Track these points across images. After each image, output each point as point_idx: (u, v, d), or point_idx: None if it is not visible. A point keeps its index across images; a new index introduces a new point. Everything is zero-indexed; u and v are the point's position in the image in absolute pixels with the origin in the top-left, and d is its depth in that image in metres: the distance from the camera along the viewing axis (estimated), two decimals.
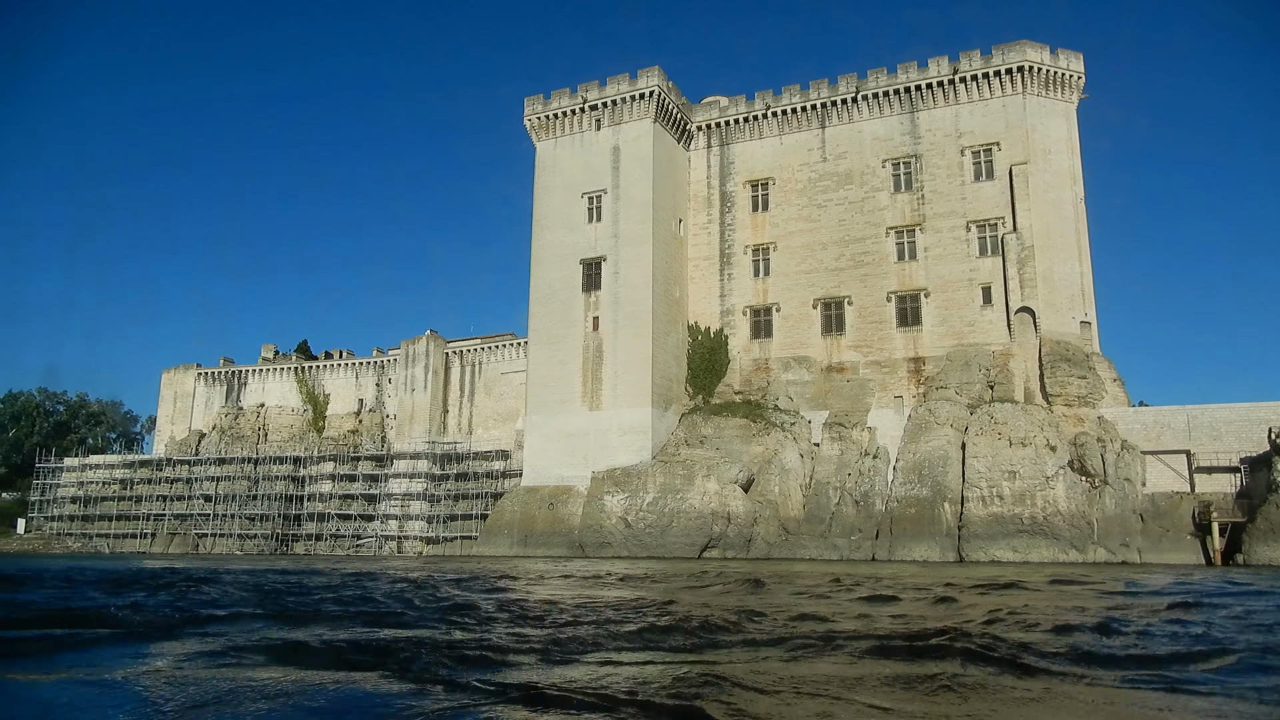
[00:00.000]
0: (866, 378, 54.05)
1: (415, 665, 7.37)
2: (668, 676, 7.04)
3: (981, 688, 6.71)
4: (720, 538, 49.91)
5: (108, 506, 73.78)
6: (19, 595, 15.86)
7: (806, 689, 6.53)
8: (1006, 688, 6.75)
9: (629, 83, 57.50)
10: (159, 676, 6.82)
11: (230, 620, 11.07)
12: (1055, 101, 53.61)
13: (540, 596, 17.19)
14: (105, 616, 11.08)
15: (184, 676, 6.79)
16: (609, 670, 7.51)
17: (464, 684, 6.39)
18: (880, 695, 6.37)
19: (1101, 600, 16.87)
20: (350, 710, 5.68)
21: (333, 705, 5.82)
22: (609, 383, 54.79)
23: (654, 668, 7.67)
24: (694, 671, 7.10)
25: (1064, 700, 6.42)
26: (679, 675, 6.99)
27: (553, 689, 6.20)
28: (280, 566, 35.07)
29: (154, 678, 6.75)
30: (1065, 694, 6.63)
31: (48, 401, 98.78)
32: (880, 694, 6.43)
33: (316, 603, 14.52)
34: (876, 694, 6.42)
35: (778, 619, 11.59)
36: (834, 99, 57.53)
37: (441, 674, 6.95)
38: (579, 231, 57.74)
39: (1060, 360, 49.64)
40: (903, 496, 48.89)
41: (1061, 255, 51.65)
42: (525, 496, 55.46)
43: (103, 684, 6.57)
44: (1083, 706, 6.29)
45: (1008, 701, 6.31)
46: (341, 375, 74.46)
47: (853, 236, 55.95)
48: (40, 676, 6.91)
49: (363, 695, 6.11)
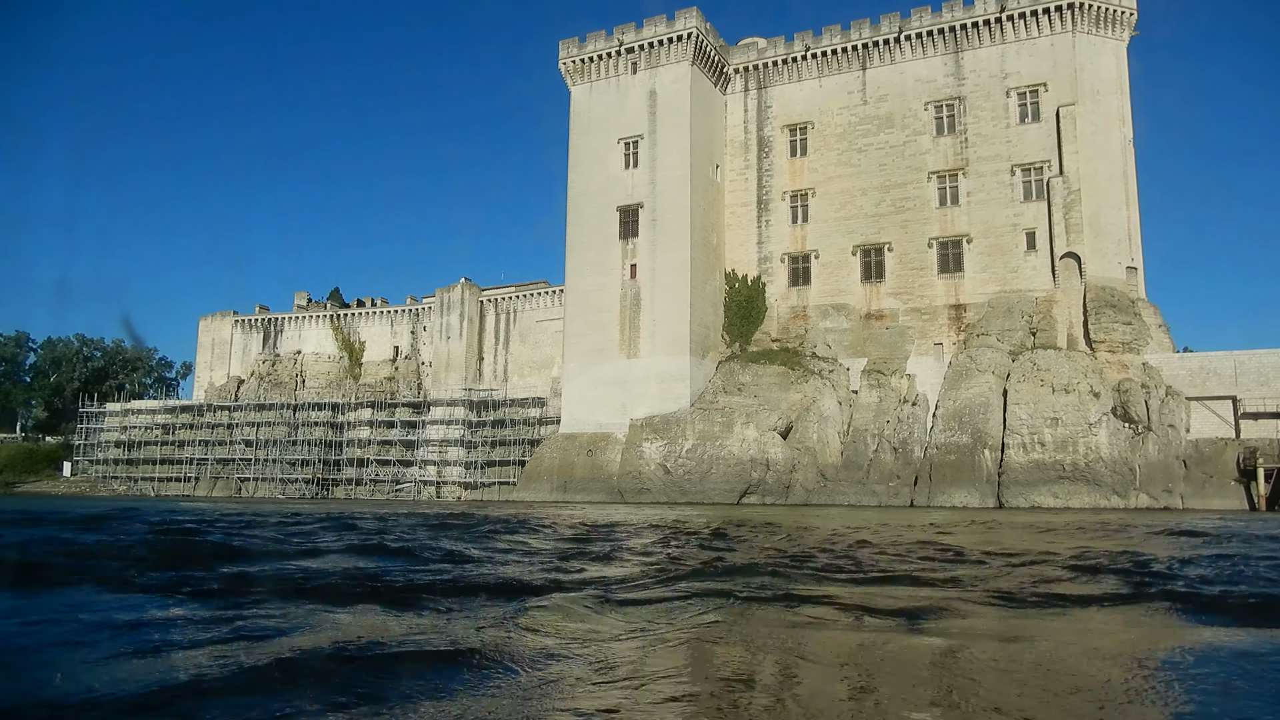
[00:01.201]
0: (906, 325, 53.75)
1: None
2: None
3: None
4: (759, 484, 50.33)
5: (150, 451, 75.29)
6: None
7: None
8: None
9: (666, 24, 56.39)
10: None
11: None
12: (1105, 39, 52.10)
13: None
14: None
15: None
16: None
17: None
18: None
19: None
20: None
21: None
22: (646, 331, 54.82)
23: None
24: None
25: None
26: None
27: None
28: (394, 510, 35.80)
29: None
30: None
31: (85, 348, 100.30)
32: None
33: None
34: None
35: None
36: (876, 39, 56.20)
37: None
38: (615, 178, 57.24)
39: (1105, 306, 49.08)
40: (942, 443, 48.95)
41: (1109, 199, 50.70)
42: (564, 443, 56.01)
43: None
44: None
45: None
46: (377, 323, 74.98)
47: (893, 182, 55.13)
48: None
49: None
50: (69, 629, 5.98)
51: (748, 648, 5.80)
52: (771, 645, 5.80)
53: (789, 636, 6.08)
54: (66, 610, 6.72)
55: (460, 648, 5.33)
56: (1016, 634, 6.31)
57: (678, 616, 6.96)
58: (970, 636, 6.14)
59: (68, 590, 8.11)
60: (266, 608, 6.92)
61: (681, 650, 5.73)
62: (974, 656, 5.43)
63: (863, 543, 15.41)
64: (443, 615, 6.83)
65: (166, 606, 7.11)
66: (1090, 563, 11.29)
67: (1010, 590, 8.37)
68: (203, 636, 5.75)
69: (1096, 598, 8.03)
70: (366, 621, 6.47)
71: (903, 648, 5.81)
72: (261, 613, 6.66)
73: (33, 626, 6.09)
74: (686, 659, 5.55)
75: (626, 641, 5.96)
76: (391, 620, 6.53)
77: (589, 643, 5.79)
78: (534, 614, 6.87)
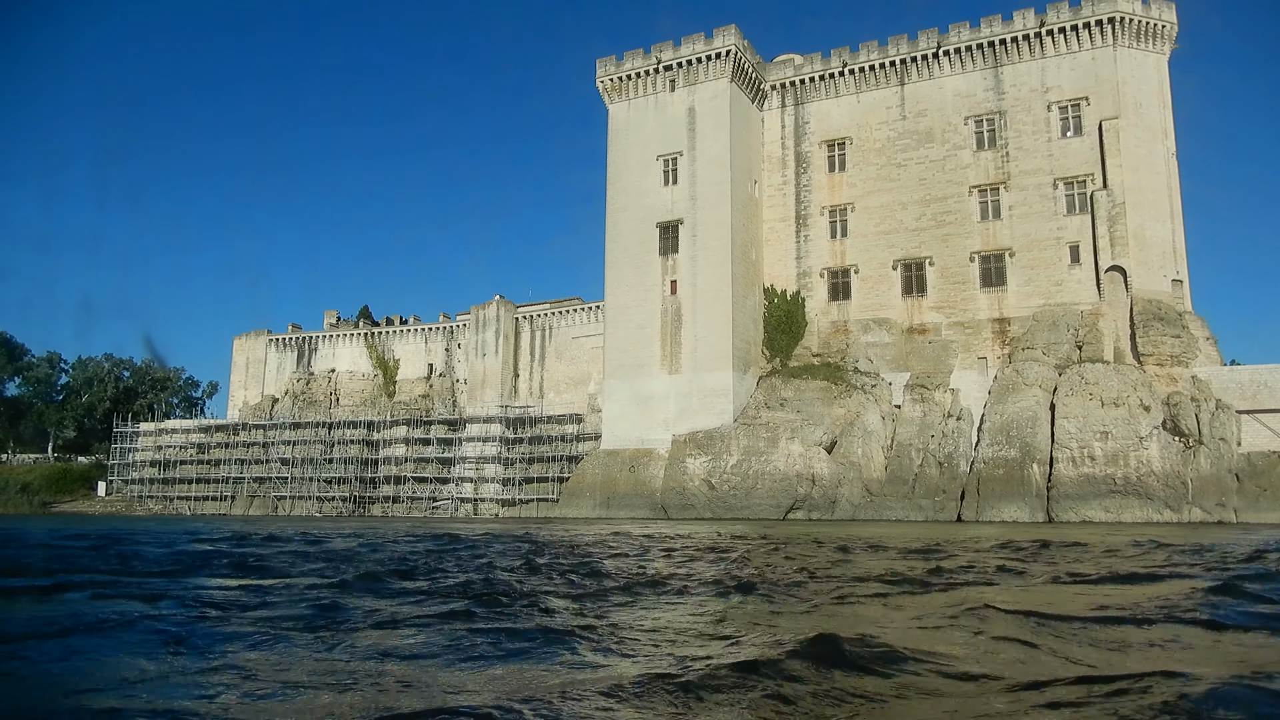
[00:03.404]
0: (949, 339, 53.63)
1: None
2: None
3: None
4: (805, 499, 50.16)
5: (186, 470, 75.56)
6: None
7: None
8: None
9: (705, 42, 56.74)
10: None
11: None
12: (1146, 53, 52.17)
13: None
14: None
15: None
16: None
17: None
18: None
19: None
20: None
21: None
22: (688, 346, 54.86)
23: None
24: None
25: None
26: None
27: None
28: (444, 530, 35.85)
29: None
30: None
31: (115, 368, 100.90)
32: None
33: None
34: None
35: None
36: (914, 55, 56.41)
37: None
38: (654, 194, 57.48)
39: (1153, 319, 48.90)
40: (990, 458, 48.71)
41: (1153, 212, 50.62)
42: (606, 459, 55.96)
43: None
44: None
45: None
46: (411, 341, 75.25)
47: (934, 196, 55.17)
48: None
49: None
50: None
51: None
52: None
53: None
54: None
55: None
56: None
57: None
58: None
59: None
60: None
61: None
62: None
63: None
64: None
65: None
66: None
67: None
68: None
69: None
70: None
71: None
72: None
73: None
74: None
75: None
76: None
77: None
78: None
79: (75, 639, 6.97)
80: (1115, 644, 6.68)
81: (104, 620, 7.85)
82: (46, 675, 5.82)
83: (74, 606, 9.26)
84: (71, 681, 5.59)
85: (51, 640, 6.94)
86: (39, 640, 6.86)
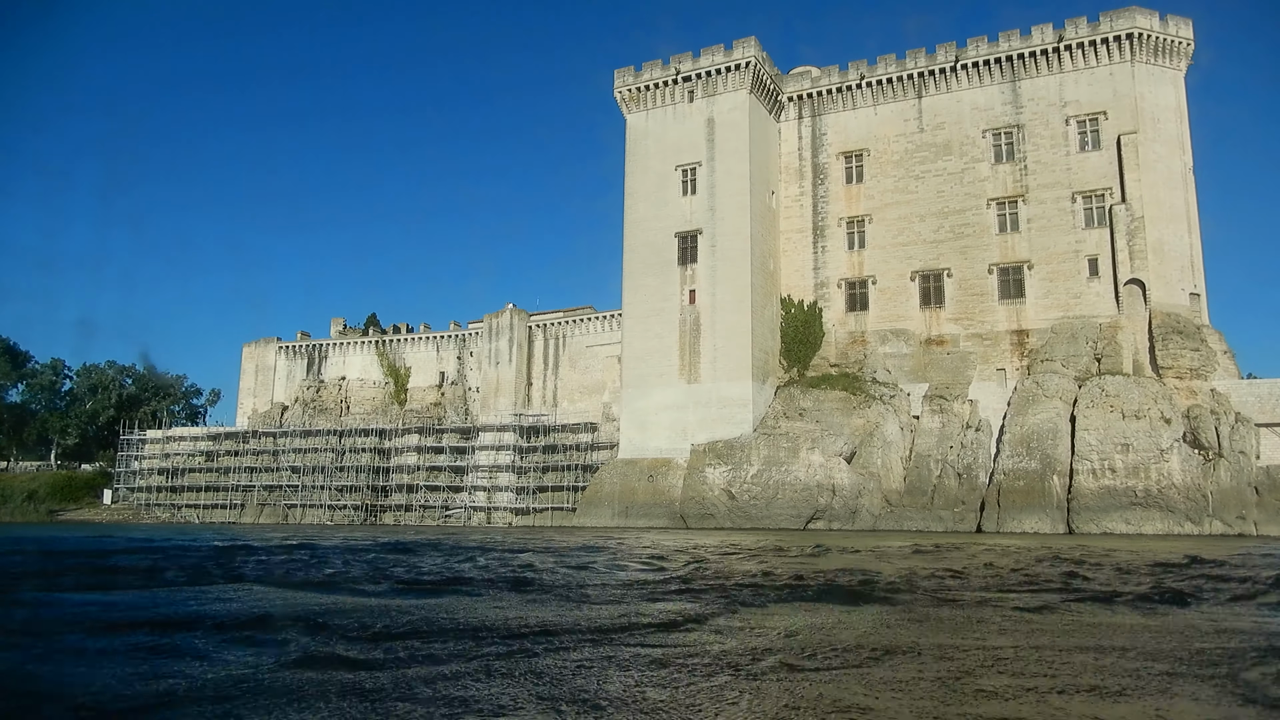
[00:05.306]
0: (967, 350, 53.87)
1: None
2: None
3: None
4: (825, 509, 50.21)
5: (194, 478, 75.14)
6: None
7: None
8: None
9: (724, 54, 57.04)
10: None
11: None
12: (1164, 69, 52.69)
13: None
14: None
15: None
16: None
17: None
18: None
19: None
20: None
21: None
22: (707, 356, 54.95)
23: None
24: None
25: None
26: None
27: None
28: (481, 540, 35.70)
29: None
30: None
31: (119, 375, 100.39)
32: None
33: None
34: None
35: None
36: (931, 68, 56.83)
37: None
38: (673, 204, 57.65)
39: (1172, 333, 49.23)
40: (1010, 469, 48.87)
41: (1172, 226, 51.03)
42: (624, 469, 55.93)
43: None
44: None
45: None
46: (422, 349, 75.15)
47: (952, 208, 55.50)
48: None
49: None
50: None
51: None
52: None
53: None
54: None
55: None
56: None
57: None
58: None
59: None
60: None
61: None
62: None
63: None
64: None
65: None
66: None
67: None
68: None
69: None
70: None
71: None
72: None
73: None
74: None
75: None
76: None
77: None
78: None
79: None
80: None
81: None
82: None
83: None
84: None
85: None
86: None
